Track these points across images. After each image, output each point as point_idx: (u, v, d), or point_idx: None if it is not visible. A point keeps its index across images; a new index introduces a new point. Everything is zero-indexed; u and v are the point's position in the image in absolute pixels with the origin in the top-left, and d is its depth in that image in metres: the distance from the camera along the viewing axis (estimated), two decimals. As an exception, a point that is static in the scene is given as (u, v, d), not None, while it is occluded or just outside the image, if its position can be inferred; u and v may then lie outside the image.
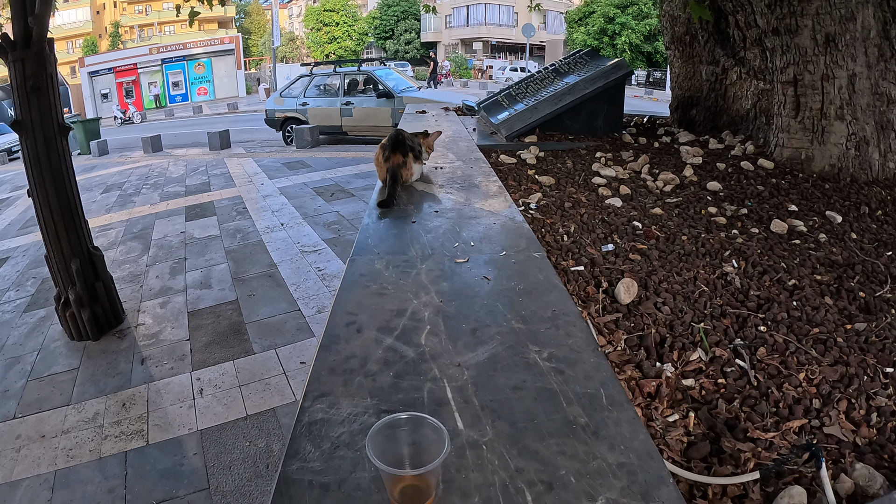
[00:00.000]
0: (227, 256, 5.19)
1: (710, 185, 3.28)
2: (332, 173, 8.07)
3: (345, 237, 5.41)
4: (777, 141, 3.65)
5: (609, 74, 4.16)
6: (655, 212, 2.81)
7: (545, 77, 4.56)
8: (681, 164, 3.73)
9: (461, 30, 45.77)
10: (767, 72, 3.82)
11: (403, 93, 11.00)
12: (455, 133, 4.21)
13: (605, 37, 34.11)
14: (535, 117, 4.06)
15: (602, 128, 4.34)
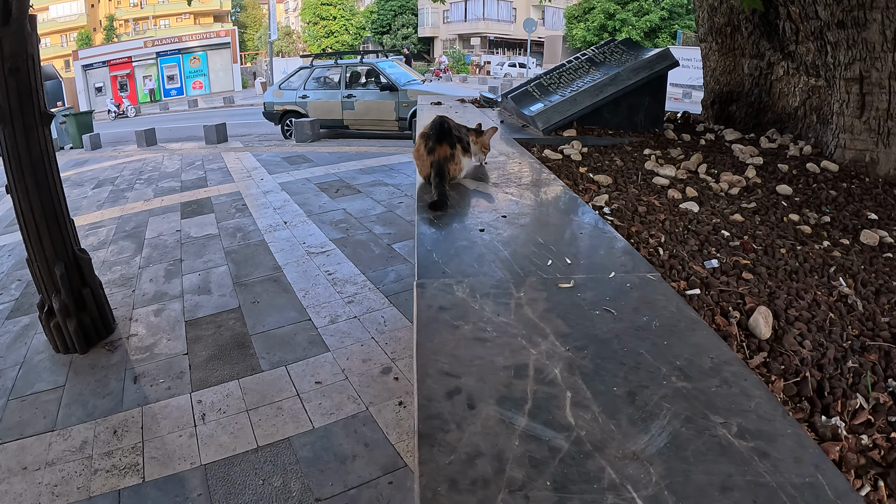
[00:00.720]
0: (226, 258, 4.80)
1: (779, 189, 2.97)
2: (336, 168, 7.66)
3: (354, 237, 5.02)
4: (838, 142, 3.39)
5: (653, 65, 3.79)
6: (735, 218, 2.47)
7: (579, 67, 4.19)
8: (739, 165, 3.44)
9: (459, 25, 45.62)
10: (826, 68, 3.54)
11: (408, 86, 10.61)
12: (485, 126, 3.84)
13: (605, 33, 34.21)
14: (575, 109, 3.68)
15: (643, 122, 3.98)
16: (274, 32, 30.09)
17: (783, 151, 3.72)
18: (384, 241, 4.93)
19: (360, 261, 4.51)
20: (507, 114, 4.65)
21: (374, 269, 4.35)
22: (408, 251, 4.68)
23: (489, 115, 4.52)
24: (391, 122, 10.79)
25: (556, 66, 4.48)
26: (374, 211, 5.75)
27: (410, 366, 3.13)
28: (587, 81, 3.93)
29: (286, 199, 6.29)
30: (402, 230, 5.17)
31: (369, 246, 4.83)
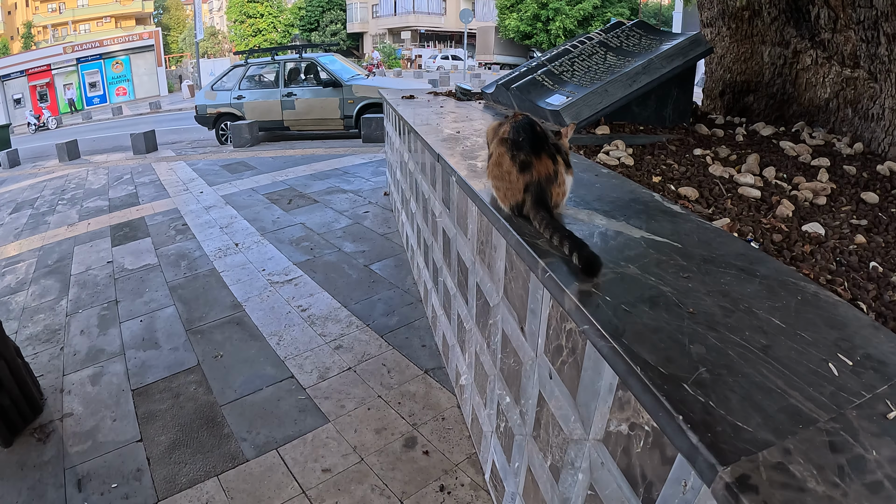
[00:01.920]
0: (172, 295, 3.87)
1: (864, 197, 2.56)
2: (284, 175, 6.73)
3: (323, 258, 4.21)
4: (892, 139, 3.09)
5: (687, 52, 3.26)
6: (860, 241, 2.01)
7: (593, 52, 3.59)
8: (801, 166, 2.97)
9: (389, 19, 44.98)
10: (876, 60, 3.19)
11: (352, 81, 9.75)
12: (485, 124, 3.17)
13: (538, 22, 34.53)
14: (607, 103, 3.09)
15: (671, 117, 3.46)
16: (200, 32, 28.12)
17: (829, 148, 3.32)
18: (359, 261, 4.16)
19: (336, 289, 3.73)
20: (502, 107, 4.00)
21: (356, 300, 3.58)
22: (390, 272, 3.94)
23: (477, 110, 3.86)
24: (336, 121, 9.89)
25: (560, 50, 3.87)
26: (338, 224, 4.94)
27: (438, 431, 2.43)
28: (608, 69, 3.34)
29: (233, 215, 5.35)
30: (377, 246, 4.41)
31: (343, 269, 4.04)
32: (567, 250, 1.24)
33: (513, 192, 1.46)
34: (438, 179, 2.56)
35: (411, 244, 3.93)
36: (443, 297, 2.79)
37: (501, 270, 1.70)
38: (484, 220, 1.82)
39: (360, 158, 7.48)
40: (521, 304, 1.53)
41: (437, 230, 2.73)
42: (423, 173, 3.05)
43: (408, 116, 3.48)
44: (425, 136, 2.74)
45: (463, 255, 2.21)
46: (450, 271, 2.52)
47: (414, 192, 3.52)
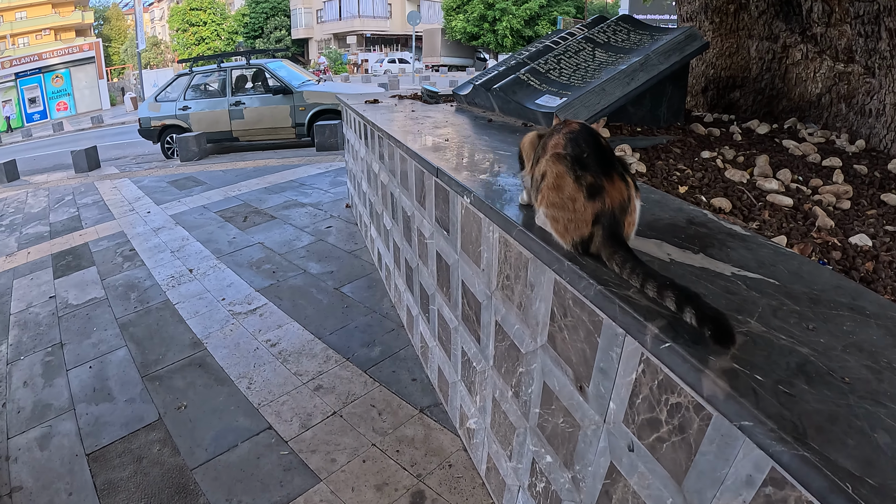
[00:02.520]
0: (123, 334, 3.37)
1: (885, 198, 2.45)
2: (236, 190, 6.21)
3: (287, 282, 3.81)
4: (894, 136, 3.02)
5: (683, 47, 3.04)
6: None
7: (579, 49, 3.33)
8: (813, 167, 2.81)
9: (334, 24, 44.35)
10: (875, 55, 3.10)
11: (303, 87, 9.27)
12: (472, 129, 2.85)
13: (485, 23, 34.69)
14: (605, 103, 2.82)
15: (665, 116, 3.24)
16: (142, 42, 26.73)
17: (832, 146, 3.17)
18: (328, 283, 3.77)
19: (306, 318, 3.34)
20: (479, 110, 3.70)
21: (330, 330, 3.21)
22: (363, 295, 3.58)
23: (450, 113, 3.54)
24: (287, 130, 9.37)
25: (541, 47, 3.60)
26: (300, 242, 4.52)
27: (448, 481, 2.10)
28: (599, 66, 3.09)
29: (184, 237, 4.83)
30: (346, 266, 4.04)
31: (311, 294, 3.65)
32: (674, 305, 0.94)
33: (577, 224, 1.14)
34: (430, 196, 2.23)
35: (386, 263, 3.58)
36: (437, 328, 2.46)
37: (544, 315, 1.38)
38: (511, 252, 1.51)
39: (315, 168, 7.03)
40: (582, 360, 1.22)
41: (428, 253, 2.40)
42: (403, 188, 2.71)
43: (381, 123, 3.13)
44: (410, 144, 2.41)
45: (472, 288, 1.88)
46: (449, 302, 2.19)
47: (389, 208, 3.17)
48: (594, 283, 1.07)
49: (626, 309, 0.99)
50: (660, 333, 0.91)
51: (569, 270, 1.16)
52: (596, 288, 1.07)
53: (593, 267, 1.12)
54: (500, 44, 35.51)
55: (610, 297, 1.02)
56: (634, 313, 0.97)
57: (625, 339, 1.03)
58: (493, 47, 36.46)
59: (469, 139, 2.54)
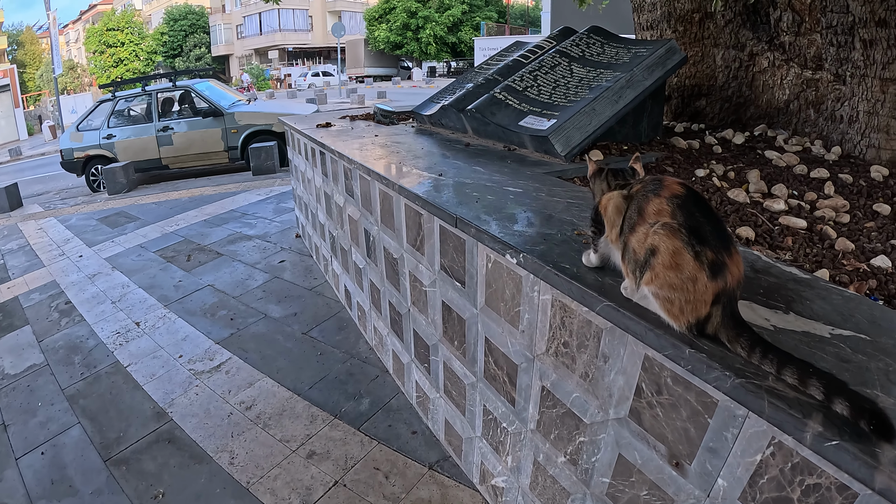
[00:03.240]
0: (73, 409, 2.89)
1: (877, 208, 2.48)
2: (174, 224, 5.70)
3: (249, 330, 3.45)
4: (869, 142, 3.12)
5: (665, 62, 2.95)
6: None
7: (554, 63, 3.18)
8: (801, 179, 2.81)
9: (255, 39, 43.30)
10: (846, 63, 3.16)
11: (234, 108, 8.75)
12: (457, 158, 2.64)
13: (408, 31, 34.66)
14: (597, 123, 2.67)
15: (646, 131, 3.14)
16: (58, 67, 24.68)
17: (809, 154, 3.17)
18: (294, 328, 3.45)
19: (279, 371, 3.02)
20: (448, 132, 3.50)
21: (308, 383, 2.91)
22: (335, 338, 3.30)
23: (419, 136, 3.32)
24: (220, 154, 8.80)
25: (509, 62, 3.44)
26: (254, 281, 4.15)
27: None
28: (580, 83, 2.95)
29: (124, 284, 4.33)
30: (309, 306, 3.72)
31: (278, 341, 3.32)
32: (821, 395, 0.85)
33: (696, 304, 1.00)
34: (431, 241, 2.00)
35: (358, 303, 3.31)
36: (442, 381, 2.23)
37: (624, 389, 1.21)
38: (574, 319, 1.32)
39: (255, 195, 6.61)
40: (682, 439, 1.10)
41: (427, 302, 2.17)
42: (386, 227, 2.46)
43: (354, 155, 2.85)
44: (404, 183, 2.15)
45: (503, 348, 1.67)
46: (464, 357, 1.97)
47: (362, 246, 2.91)
48: (730, 375, 0.94)
49: (779, 405, 0.87)
50: (824, 431, 0.82)
51: (691, 358, 1.01)
52: (734, 381, 0.93)
53: (720, 354, 0.98)
54: (424, 52, 35.58)
55: (755, 391, 0.90)
56: (789, 409, 0.86)
57: (745, 421, 0.95)
58: (418, 55, 36.48)
59: (463, 172, 2.31)
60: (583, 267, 1.31)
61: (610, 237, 1.20)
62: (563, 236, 1.50)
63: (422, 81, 34.20)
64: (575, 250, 1.40)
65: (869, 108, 3.11)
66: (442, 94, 3.83)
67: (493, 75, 3.38)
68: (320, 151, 3.53)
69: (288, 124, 4.50)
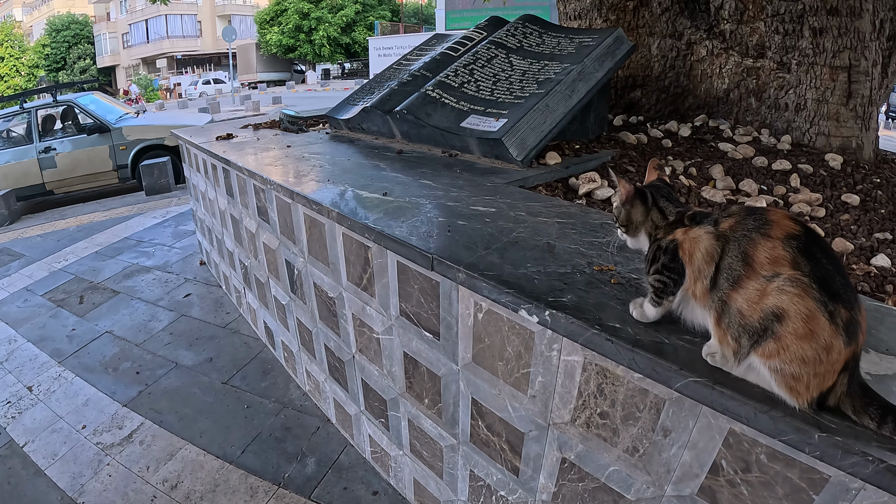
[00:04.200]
0: None
1: (846, 199, 2.41)
2: (62, 260, 4.80)
3: (160, 384, 2.86)
4: (818, 129, 3.09)
5: (614, 52, 2.68)
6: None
7: (491, 56, 2.83)
8: (765, 172, 2.72)
9: (142, 48, 40.28)
10: (794, 52, 3.09)
11: (121, 123, 7.79)
12: (395, 170, 2.23)
13: (301, 34, 33.59)
14: (552, 122, 2.35)
15: (593, 126, 2.87)
16: None
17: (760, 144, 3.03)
18: (212, 377, 2.91)
19: (202, 434, 2.49)
20: (371, 137, 3.09)
21: (239, 445, 2.41)
22: (261, 385, 2.81)
23: (335, 144, 2.89)
24: (109, 174, 7.76)
25: (436, 55, 3.07)
26: (159, 322, 3.52)
27: None
28: (524, 76, 2.62)
29: (11, 338, 3.49)
30: (225, 347, 3.18)
31: (196, 396, 2.77)
32: None
33: (825, 377, 0.79)
34: (386, 281, 1.59)
35: (283, 342, 2.82)
36: (407, 439, 1.83)
37: (692, 467, 0.99)
38: (619, 387, 1.00)
39: (150, 218, 5.84)
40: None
41: (381, 351, 1.75)
42: (315, 259, 2.02)
43: (267, 172, 2.37)
44: (340, 207, 1.72)
45: (500, 413, 1.32)
46: (441, 419, 1.58)
47: (285, 280, 2.43)
48: (873, 460, 0.75)
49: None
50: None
51: (820, 443, 0.79)
52: (877, 467, 0.75)
53: (850, 432, 0.79)
54: (318, 54, 34.63)
55: None
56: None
57: (860, 493, 0.80)
58: (311, 58, 35.44)
59: (411, 189, 1.91)
60: (630, 320, 0.97)
61: (693, 291, 0.89)
62: (582, 276, 1.15)
63: (317, 84, 33.17)
64: (610, 296, 1.06)
65: (818, 96, 3.04)
66: (359, 94, 3.40)
67: (420, 71, 3.00)
68: (223, 168, 3.01)
69: (183, 138, 3.88)
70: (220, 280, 3.94)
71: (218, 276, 3.97)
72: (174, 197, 6.79)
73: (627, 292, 1.12)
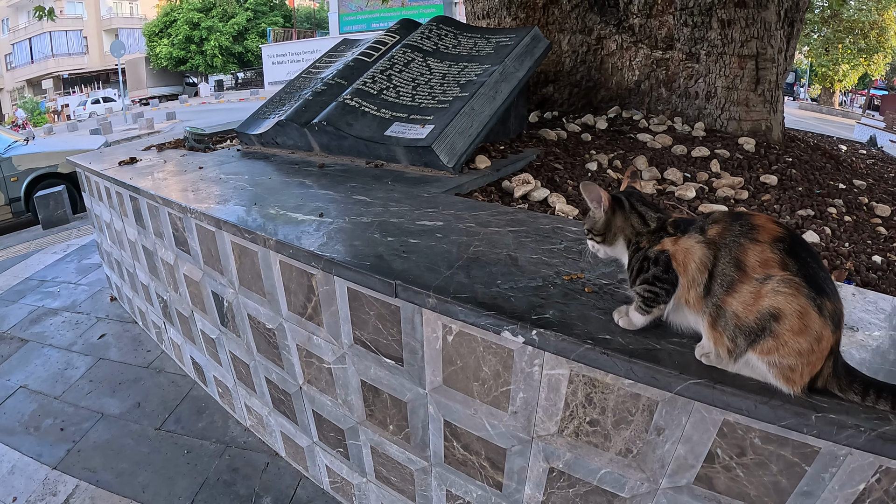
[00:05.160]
0: None
1: (765, 179, 2.58)
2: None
3: (89, 440, 2.57)
4: (730, 115, 3.29)
5: (533, 51, 2.71)
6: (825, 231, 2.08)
7: (408, 60, 2.77)
8: (685, 159, 2.84)
9: (26, 69, 36.86)
10: (703, 43, 3.26)
11: (10, 152, 7.11)
12: (323, 186, 2.13)
13: (191, 44, 31.99)
14: (479, 125, 2.32)
15: (514, 126, 2.88)
16: None
17: (675, 133, 3.15)
18: (144, 424, 2.68)
19: (147, 490, 2.28)
20: (286, 151, 2.98)
21: (188, 496, 2.22)
22: (197, 426, 2.62)
23: (249, 161, 2.75)
24: (1, 209, 7.07)
25: (350, 62, 2.97)
26: (76, 370, 3.20)
27: None
28: (444, 79, 2.59)
29: None
30: (152, 389, 2.95)
31: (130, 447, 2.54)
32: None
33: (815, 363, 0.86)
34: (334, 308, 1.50)
35: (215, 377, 2.65)
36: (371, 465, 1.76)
37: (687, 458, 1.04)
38: (608, 395, 1.04)
39: (51, 254, 5.36)
40: (770, 492, 0.97)
41: (334, 381, 1.66)
42: (247, 289, 1.89)
43: (184, 199, 2.20)
44: (278, 234, 1.60)
45: (479, 433, 1.29)
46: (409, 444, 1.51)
47: (212, 312, 2.28)
48: (864, 429, 0.83)
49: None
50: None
51: (817, 423, 0.86)
52: (869, 435, 0.83)
53: (842, 409, 0.86)
54: (210, 65, 33.23)
55: (892, 438, 0.81)
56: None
57: (846, 458, 0.89)
58: (203, 70, 33.97)
59: (347, 208, 1.81)
60: (617, 330, 1.00)
61: (686, 299, 0.92)
62: (555, 288, 1.14)
63: (211, 97, 31.74)
64: (589, 307, 1.06)
65: (727, 84, 3.20)
66: (269, 107, 3.25)
67: (335, 79, 2.89)
68: (130, 196, 2.78)
69: (81, 165, 3.57)
70: (135, 316, 3.67)
71: (133, 311, 3.70)
72: (74, 228, 6.29)
73: (605, 300, 1.12)
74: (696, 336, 0.94)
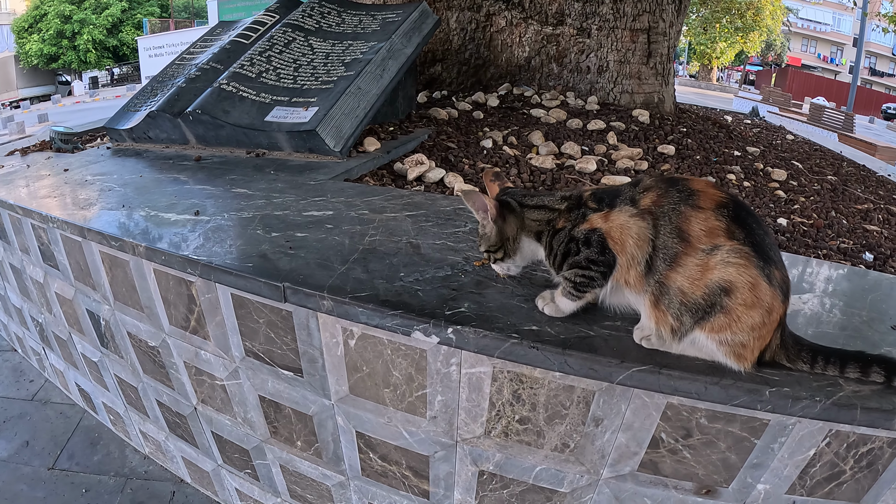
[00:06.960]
0: None
1: (663, 149, 2.63)
2: None
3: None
4: (622, 88, 3.38)
5: (421, 27, 2.61)
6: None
7: (289, 40, 2.59)
8: (582, 133, 2.81)
9: None
10: (596, 17, 3.31)
11: None
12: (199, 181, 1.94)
13: (63, 39, 29.28)
14: (367, 105, 2.20)
15: (402, 106, 2.78)
16: None
17: (568, 107, 3.16)
18: (36, 465, 2.29)
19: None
20: (160, 145, 2.71)
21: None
22: (96, 462, 2.33)
23: (120, 160, 2.49)
24: None
25: (227, 45, 2.75)
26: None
27: None
28: (328, 58, 2.44)
29: None
30: (40, 424, 2.59)
31: (24, 494, 2.15)
32: (882, 378, 0.81)
33: (766, 336, 0.81)
34: (220, 318, 1.33)
35: (104, 404, 2.39)
36: (284, 486, 1.63)
37: (630, 445, 1.04)
38: (543, 389, 0.98)
39: None
40: (719, 469, 0.95)
41: (230, 398, 1.50)
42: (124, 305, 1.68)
43: (46, 207, 1.92)
44: (148, 240, 1.41)
45: (395, 441, 1.21)
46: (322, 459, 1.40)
47: (91, 333, 2.02)
48: (819, 399, 0.81)
49: (871, 406, 0.80)
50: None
51: (771, 398, 0.83)
52: (824, 404, 0.81)
53: (792, 380, 0.84)
54: (84, 60, 30.54)
55: (847, 404, 0.81)
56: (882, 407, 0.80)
57: (794, 427, 0.87)
58: (77, 66, 31.19)
59: (227, 203, 1.63)
60: (543, 318, 0.93)
61: (626, 279, 0.84)
62: (466, 276, 1.05)
63: (86, 95, 29.09)
64: (508, 294, 0.98)
65: (619, 58, 3.26)
66: (140, 98, 2.95)
67: (210, 63, 2.65)
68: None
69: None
70: (12, 342, 3.25)
71: (9, 337, 3.27)
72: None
73: (523, 286, 1.04)
74: (631, 317, 0.88)
